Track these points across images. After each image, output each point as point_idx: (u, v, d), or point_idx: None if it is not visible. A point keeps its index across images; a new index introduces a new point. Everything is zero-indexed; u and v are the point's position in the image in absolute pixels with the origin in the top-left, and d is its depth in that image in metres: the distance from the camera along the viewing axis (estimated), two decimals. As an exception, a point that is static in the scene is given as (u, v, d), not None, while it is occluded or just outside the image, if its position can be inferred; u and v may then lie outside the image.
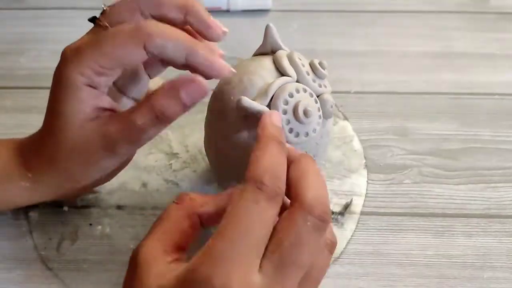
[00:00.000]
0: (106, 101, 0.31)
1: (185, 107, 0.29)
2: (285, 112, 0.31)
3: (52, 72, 0.30)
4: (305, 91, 0.31)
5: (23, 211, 0.39)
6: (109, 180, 0.36)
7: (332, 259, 0.36)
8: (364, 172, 0.41)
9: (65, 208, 0.39)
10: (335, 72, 0.50)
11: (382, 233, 0.38)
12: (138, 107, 0.29)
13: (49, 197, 0.34)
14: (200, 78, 0.28)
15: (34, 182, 0.33)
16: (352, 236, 0.38)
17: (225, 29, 0.31)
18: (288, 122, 0.31)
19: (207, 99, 0.34)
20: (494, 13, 0.57)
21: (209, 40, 0.31)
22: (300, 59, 0.33)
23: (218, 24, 0.31)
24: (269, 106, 0.31)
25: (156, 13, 0.31)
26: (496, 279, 0.35)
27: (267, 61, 0.33)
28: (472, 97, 0.48)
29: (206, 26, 0.31)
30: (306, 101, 0.31)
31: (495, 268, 0.36)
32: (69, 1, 0.59)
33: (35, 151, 0.33)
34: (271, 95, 0.31)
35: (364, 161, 0.42)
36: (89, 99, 0.30)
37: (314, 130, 0.32)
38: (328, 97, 0.33)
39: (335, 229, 0.38)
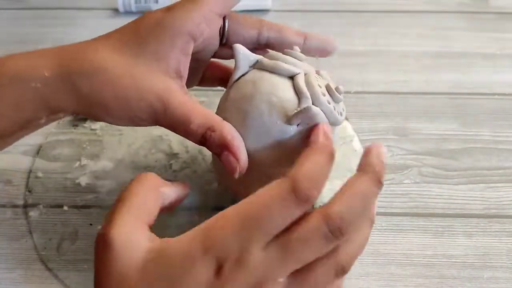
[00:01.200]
0: (186, 67, 0.31)
1: None
2: (329, 102, 0.30)
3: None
4: (316, 76, 0.31)
5: (23, 211, 0.39)
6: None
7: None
8: (364, 172, 0.41)
9: (65, 208, 0.39)
10: (335, 72, 0.50)
11: (382, 233, 0.38)
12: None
13: (57, 111, 0.30)
14: None
15: (47, 84, 0.29)
16: (352, 236, 0.38)
17: (336, 45, 0.36)
18: (334, 108, 0.31)
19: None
20: (494, 13, 0.57)
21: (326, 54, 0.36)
22: (282, 53, 0.33)
23: (332, 39, 0.36)
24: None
25: (277, 36, 0.34)
26: (496, 279, 0.35)
27: (265, 75, 0.31)
28: (472, 97, 0.48)
29: (326, 44, 0.36)
30: (326, 82, 0.31)
31: (495, 268, 0.36)
32: (70, 1, 0.59)
33: (81, 55, 0.30)
34: (308, 94, 0.30)
35: (364, 161, 0.42)
36: (181, 53, 0.30)
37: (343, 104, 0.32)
38: (323, 72, 0.33)
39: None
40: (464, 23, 0.56)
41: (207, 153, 0.42)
